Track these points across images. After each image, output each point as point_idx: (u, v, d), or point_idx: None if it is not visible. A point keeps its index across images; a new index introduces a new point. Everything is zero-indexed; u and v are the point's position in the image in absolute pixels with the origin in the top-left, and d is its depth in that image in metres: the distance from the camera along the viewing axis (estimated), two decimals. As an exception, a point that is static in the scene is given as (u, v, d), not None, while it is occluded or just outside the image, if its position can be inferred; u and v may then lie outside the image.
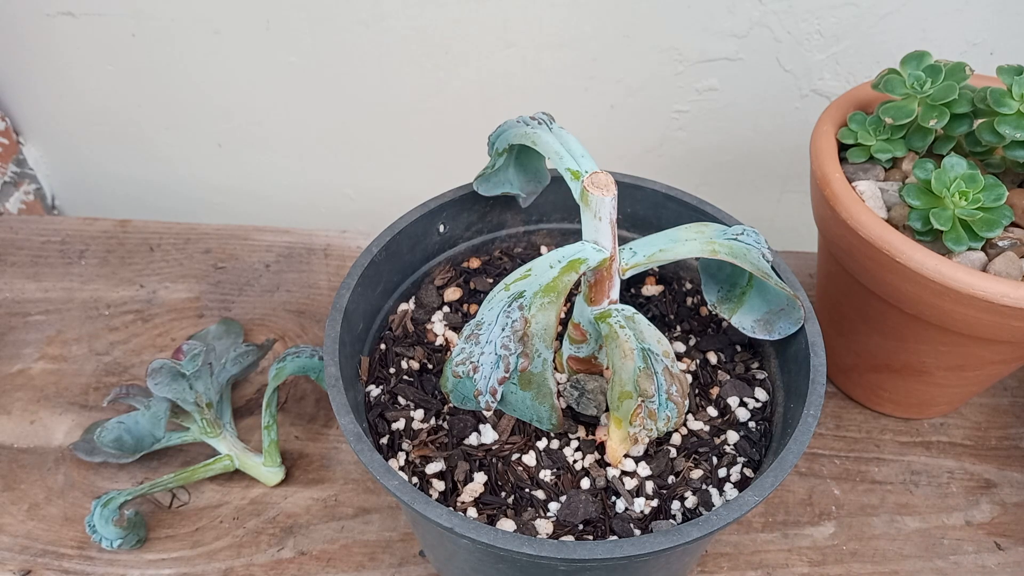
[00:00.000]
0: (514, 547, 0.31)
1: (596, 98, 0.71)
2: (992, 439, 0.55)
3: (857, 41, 0.65)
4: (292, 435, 0.54)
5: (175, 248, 0.68)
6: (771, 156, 0.74)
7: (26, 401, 0.56)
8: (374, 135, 0.75)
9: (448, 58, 0.68)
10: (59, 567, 0.47)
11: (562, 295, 0.34)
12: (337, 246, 0.69)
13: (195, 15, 0.67)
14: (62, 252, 0.67)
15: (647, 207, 0.47)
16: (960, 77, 0.46)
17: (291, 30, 0.67)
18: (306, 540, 0.49)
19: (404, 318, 0.46)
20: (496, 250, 0.49)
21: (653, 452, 0.40)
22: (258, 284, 0.65)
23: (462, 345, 0.33)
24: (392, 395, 0.42)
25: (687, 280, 0.49)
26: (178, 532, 0.49)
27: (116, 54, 0.70)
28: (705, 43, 0.66)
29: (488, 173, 0.44)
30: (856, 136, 0.49)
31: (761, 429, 0.41)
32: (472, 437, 0.40)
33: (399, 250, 0.44)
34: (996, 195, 0.43)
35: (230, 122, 0.75)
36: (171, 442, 0.51)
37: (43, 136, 0.79)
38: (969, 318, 0.43)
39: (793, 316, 0.40)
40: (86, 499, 0.50)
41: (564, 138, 0.37)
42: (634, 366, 0.34)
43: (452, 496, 0.38)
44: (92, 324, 0.61)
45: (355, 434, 0.35)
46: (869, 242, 0.44)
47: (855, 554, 0.48)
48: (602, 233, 0.35)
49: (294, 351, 0.49)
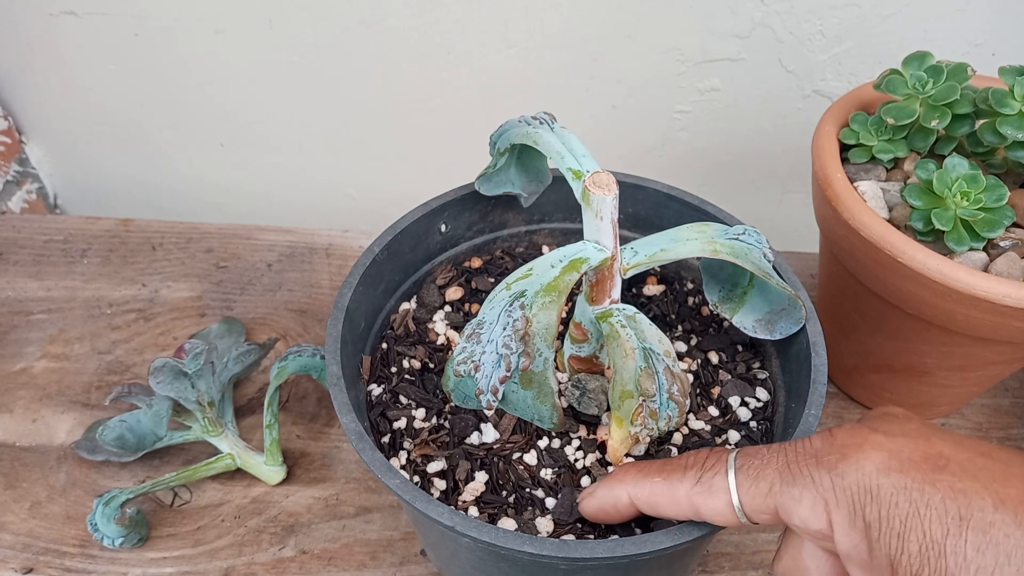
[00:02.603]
0: (515, 546, 0.31)
1: (597, 98, 0.71)
2: (993, 440, 0.55)
3: (859, 42, 0.65)
4: (294, 434, 0.54)
5: (177, 247, 0.68)
6: (773, 156, 0.74)
7: (28, 400, 0.56)
8: (376, 134, 0.75)
9: (450, 58, 0.68)
10: (61, 565, 0.47)
11: (563, 294, 0.34)
12: (339, 245, 0.69)
13: (197, 15, 0.67)
14: (64, 251, 0.67)
15: (648, 207, 0.47)
16: (962, 78, 0.46)
17: (293, 30, 0.67)
18: (307, 539, 0.49)
19: (406, 317, 0.46)
20: (498, 249, 0.49)
21: (655, 452, 0.40)
22: (260, 283, 0.65)
23: (463, 344, 0.33)
24: (394, 394, 0.42)
25: (688, 280, 0.49)
26: (180, 531, 0.49)
27: (119, 53, 0.71)
28: (707, 43, 0.66)
29: (490, 173, 0.44)
30: (858, 136, 0.49)
31: (762, 429, 0.41)
32: (473, 436, 0.40)
33: (401, 249, 0.44)
34: (998, 195, 0.43)
35: (232, 122, 0.75)
36: (173, 441, 0.51)
37: (45, 135, 0.79)
38: (971, 318, 0.43)
39: (794, 316, 0.40)
40: (88, 497, 0.50)
41: (566, 138, 0.37)
42: (635, 365, 0.34)
43: (453, 495, 0.38)
44: (94, 323, 0.62)
45: (357, 433, 0.35)
46: (871, 242, 0.44)
47: (856, 554, 0.48)
48: (603, 233, 0.35)
49: (296, 350, 0.49)
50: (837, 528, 0.27)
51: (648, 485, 0.32)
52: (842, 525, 0.27)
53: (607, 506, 0.33)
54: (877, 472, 0.26)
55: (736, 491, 0.29)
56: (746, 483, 0.29)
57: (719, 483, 0.30)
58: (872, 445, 0.27)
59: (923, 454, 0.26)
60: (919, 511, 0.25)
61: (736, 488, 0.29)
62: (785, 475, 0.28)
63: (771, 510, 0.29)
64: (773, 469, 0.29)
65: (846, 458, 0.27)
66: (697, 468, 0.31)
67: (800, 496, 0.28)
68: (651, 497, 0.32)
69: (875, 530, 0.26)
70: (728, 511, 0.30)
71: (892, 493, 0.26)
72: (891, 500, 0.26)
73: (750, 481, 0.29)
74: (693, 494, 0.30)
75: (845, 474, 0.27)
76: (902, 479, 0.26)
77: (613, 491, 0.33)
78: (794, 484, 0.28)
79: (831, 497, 0.27)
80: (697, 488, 0.30)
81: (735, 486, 0.29)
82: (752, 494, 0.29)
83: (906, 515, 0.25)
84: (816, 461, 0.28)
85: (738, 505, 0.29)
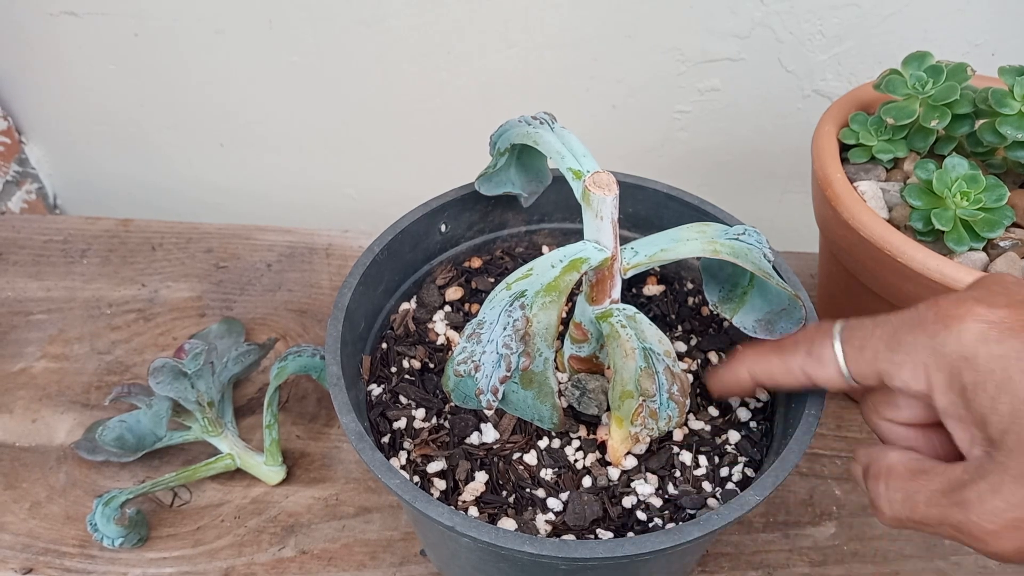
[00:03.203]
0: (515, 546, 0.31)
1: (598, 98, 0.71)
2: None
3: (859, 42, 0.65)
4: (293, 434, 0.54)
5: (177, 247, 0.68)
6: (772, 156, 0.74)
7: (28, 400, 0.56)
8: (376, 135, 0.75)
9: (450, 58, 0.68)
10: (60, 565, 0.47)
11: (564, 294, 0.34)
12: (339, 245, 0.69)
13: (197, 15, 0.67)
14: (64, 251, 0.67)
15: (648, 207, 0.47)
16: (962, 78, 0.46)
17: (293, 30, 0.67)
18: (307, 539, 0.49)
19: (406, 317, 0.46)
20: (498, 249, 0.49)
21: (655, 450, 0.40)
22: (260, 283, 0.65)
23: (464, 344, 0.33)
24: (393, 394, 0.42)
25: (688, 280, 0.49)
26: (179, 531, 0.49)
27: (118, 54, 0.71)
28: (707, 43, 0.66)
29: (490, 173, 0.44)
30: (858, 136, 0.49)
31: (762, 429, 0.41)
32: (473, 436, 0.40)
33: (401, 249, 0.44)
34: (997, 195, 0.43)
35: (232, 122, 0.75)
36: (172, 441, 0.51)
37: (45, 135, 0.79)
38: (970, 318, 0.43)
39: (794, 316, 0.40)
40: (88, 498, 0.50)
41: (566, 138, 0.37)
42: (635, 365, 0.34)
43: (453, 495, 0.38)
44: (94, 323, 0.62)
45: (357, 433, 0.35)
46: (870, 242, 0.44)
47: (856, 554, 0.48)
48: (604, 232, 0.35)
49: (295, 350, 0.49)
50: (936, 388, 0.30)
51: (765, 362, 0.36)
52: (940, 386, 0.29)
53: (731, 384, 0.38)
54: (975, 341, 0.28)
55: (843, 360, 0.33)
56: (852, 352, 0.32)
57: (828, 354, 0.33)
58: (973, 316, 0.29)
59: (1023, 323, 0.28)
60: (1011, 376, 0.27)
61: (843, 358, 0.33)
62: (891, 343, 0.31)
63: (875, 375, 0.32)
64: (878, 338, 0.31)
65: (948, 328, 0.29)
66: (807, 342, 0.34)
67: (903, 362, 0.30)
68: (769, 371, 0.36)
69: (971, 391, 0.28)
70: (838, 377, 0.33)
71: (988, 360, 0.28)
72: (987, 366, 0.28)
73: (855, 351, 0.32)
74: (806, 365, 0.34)
75: (947, 342, 0.29)
76: (1000, 347, 0.28)
77: (735, 371, 0.37)
78: (898, 350, 0.31)
79: (931, 362, 0.29)
80: (809, 360, 0.34)
81: (842, 356, 0.33)
82: (857, 362, 0.32)
83: (1000, 380, 0.28)
84: (921, 329, 0.30)
85: (847, 373, 0.33)
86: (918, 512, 0.30)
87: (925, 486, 0.30)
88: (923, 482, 0.30)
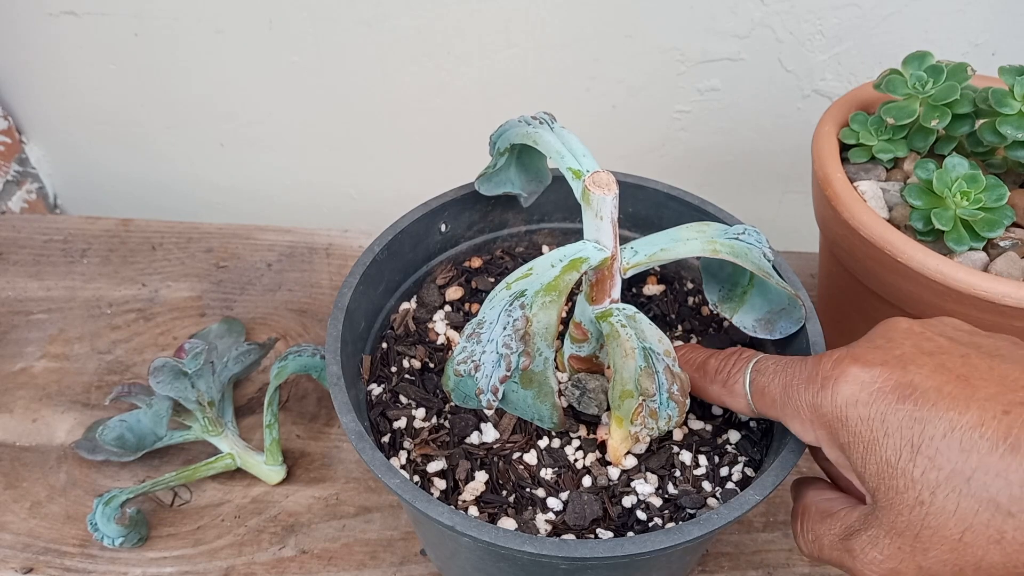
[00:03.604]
0: (515, 545, 0.31)
1: (598, 98, 0.71)
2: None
3: (859, 41, 0.65)
4: (294, 434, 0.54)
5: (177, 247, 0.68)
6: (773, 156, 0.74)
7: (28, 399, 0.56)
8: (376, 134, 0.75)
9: (450, 58, 0.68)
10: (61, 565, 0.47)
11: (563, 294, 0.34)
12: (339, 245, 0.69)
13: (197, 14, 0.67)
14: (64, 251, 0.67)
15: (648, 207, 0.47)
16: (962, 77, 0.46)
17: (293, 30, 0.67)
18: (307, 539, 0.49)
19: (406, 317, 0.46)
20: (498, 249, 0.49)
21: (655, 450, 0.40)
22: (260, 283, 0.65)
23: (464, 344, 0.33)
24: (394, 394, 0.42)
25: (688, 280, 0.49)
26: (180, 530, 0.49)
27: (118, 53, 0.71)
28: (707, 43, 0.66)
29: (490, 172, 0.44)
30: (858, 136, 0.49)
31: (762, 428, 0.41)
32: (473, 436, 0.40)
33: (401, 249, 0.44)
34: (997, 195, 0.43)
35: (232, 121, 0.75)
36: (173, 440, 0.51)
37: (45, 135, 0.79)
38: (971, 318, 0.42)
39: (794, 315, 0.40)
40: (88, 497, 0.50)
41: (565, 138, 0.37)
42: (635, 365, 0.34)
43: (453, 495, 0.38)
44: (94, 323, 0.62)
45: (357, 432, 0.35)
46: (870, 242, 0.44)
47: (856, 554, 0.48)
48: (603, 232, 0.35)
49: (296, 350, 0.49)
50: (823, 443, 0.32)
51: (694, 378, 0.37)
52: (825, 441, 0.32)
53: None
54: (846, 404, 0.30)
55: (751, 399, 0.35)
56: (756, 394, 0.35)
57: (739, 389, 0.35)
58: (846, 378, 0.30)
59: (894, 384, 0.29)
60: (876, 439, 0.29)
61: (751, 397, 0.35)
62: (784, 395, 0.33)
63: (776, 418, 0.34)
64: (776, 387, 0.33)
65: (825, 388, 0.31)
66: (724, 371, 0.36)
67: (793, 416, 0.33)
68: (694, 386, 0.37)
69: (848, 450, 0.30)
70: (748, 410, 0.35)
71: (856, 422, 0.30)
72: (856, 428, 0.30)
73: (758, 394, 0.34)
74: (722, 394, 0.36)
75: (823, 403, 0.31)
76: (867, 410, 0.29)
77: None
78: (788, 404, 0.33)
79: (815, 419, 0.32)
80: (724, 390, 0.36)
81: (750, 395, 0.35)
82: (761, 404, 0.34)
83: (868, 442, 0.29)
84: (807, 385, 0.32)
85: (753, 408, 0.35)
86: (824, 554, 0.32)
87: (829, 530, 0.32)
88: (828, 525, 0.32)
